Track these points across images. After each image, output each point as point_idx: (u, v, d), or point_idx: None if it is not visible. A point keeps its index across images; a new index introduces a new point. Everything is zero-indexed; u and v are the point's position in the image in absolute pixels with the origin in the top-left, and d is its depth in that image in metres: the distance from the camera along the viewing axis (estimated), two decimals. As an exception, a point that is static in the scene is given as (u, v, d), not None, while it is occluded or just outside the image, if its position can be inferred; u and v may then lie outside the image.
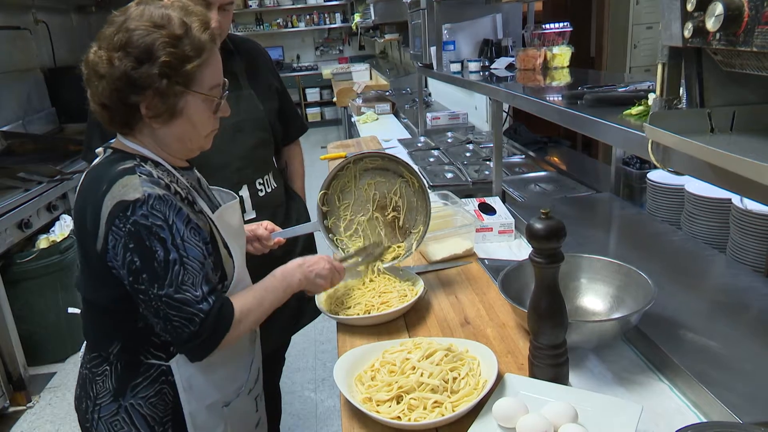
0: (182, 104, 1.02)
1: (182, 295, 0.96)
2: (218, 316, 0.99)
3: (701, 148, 0.72)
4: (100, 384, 1.08)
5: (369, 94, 5.21)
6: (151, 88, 0.97)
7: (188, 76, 1.00)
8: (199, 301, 0.97)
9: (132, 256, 0.95)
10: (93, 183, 1.01)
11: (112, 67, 0.96)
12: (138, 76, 0.96)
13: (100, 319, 1.10)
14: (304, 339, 3.05)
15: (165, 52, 0.96)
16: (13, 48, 4.01)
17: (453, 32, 2.70)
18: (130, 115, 1.01)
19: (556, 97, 1.46)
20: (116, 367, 1.07)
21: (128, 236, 0.95)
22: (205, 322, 0.97)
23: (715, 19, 0.66)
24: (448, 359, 1.06)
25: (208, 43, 1.03)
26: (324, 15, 9.53)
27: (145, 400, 1.07)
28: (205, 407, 1.11)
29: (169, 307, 0.96)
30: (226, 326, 1.00)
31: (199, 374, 1.09)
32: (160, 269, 0.95)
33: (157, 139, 1.05)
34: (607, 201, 1.99)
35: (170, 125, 1.03)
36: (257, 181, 1.64)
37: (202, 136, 1.09)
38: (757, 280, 1.31)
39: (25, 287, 2.86)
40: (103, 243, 0.97)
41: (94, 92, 1.01)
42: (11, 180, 2.99)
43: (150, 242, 0.95)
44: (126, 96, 0.98)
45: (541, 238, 0.95)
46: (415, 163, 2.82)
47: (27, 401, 2.77)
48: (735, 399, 0.92)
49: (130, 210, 0.94)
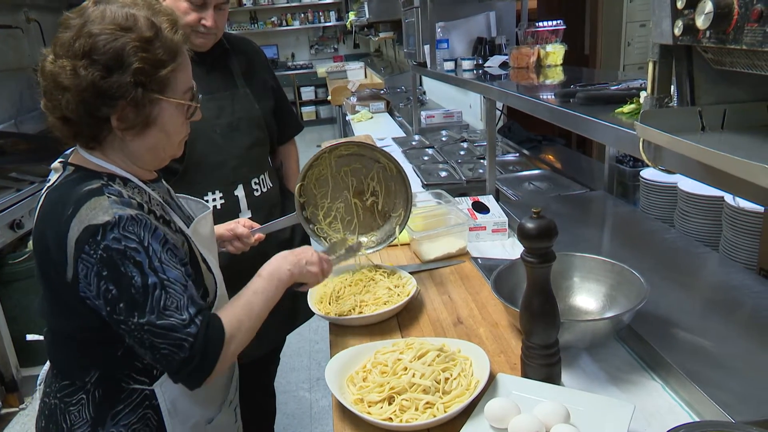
0: (156, 112, 0.94)
1: (166, 320, 0.88)
2: (206, 336, 0.91)
3: (692, 147, 0.72)
4: (75, 414, 0.99)
5: (364, 93, 5.20)
6: (124, 98, 0.89)
7: (162, 82, 0.92)
8: (186, 325, 0.89)
9: (107, 284, 0.87)
10: (56, 206, 0.91)
11: (78, 77, 0.87)
12: (108, 86, 0.87)
13: (72, 349, 1.01)
14: (298, 339, 3.04)
15: (137, 58, 0.88)
16: (5, 47, 3.98)
17: (446, 30, 2.69)
18: (99, 128, 0.92)
19: (548, 96, 1.45)
20: (94, 396, 0.99)
21: (100, 263, 0.86)
22: (194, 346, 0.89)
23: (705, 16, 0.66)
24: (440, 359, 1.05)
25: (180, 44, 0.96)
26: (318, 13, 9.51)
27: (128, 428, 0.99)
28: (190, 427, 1.06)
29: (153, 335, 0.88)
30: (218, 345, 0.92)
31: (184, 396, 1.03)
32: (138, 296, 0.87)
33: (127, 151, 0.97)
34: (601, 199, 1.98)
35: (143, 136, 0.95)
36: (253, 181, 1.63)
37: (175, 144, 1.02)
38: (749, 277, 1.31)
39: (16, 288, 2.84)
40: (73, 272, 0.88)
41: (55, 105, 0.91)
42: (3, 180, 2.97)
43: (125, 267, 0.87)
44: (95, 108, 0.89)
45: (532, 238, 0.94)
46: (410, 161, 2.82)
47: (20, 403, 2.76)
48: (727, 398, 0.92)
49: (100, 234, 0.86)
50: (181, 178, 1.49)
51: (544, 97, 1.41)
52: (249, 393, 1.54)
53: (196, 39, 1.51)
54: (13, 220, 2.81)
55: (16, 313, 2.82)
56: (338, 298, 1.40)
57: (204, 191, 1.53)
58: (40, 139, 4.00)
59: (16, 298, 2.84)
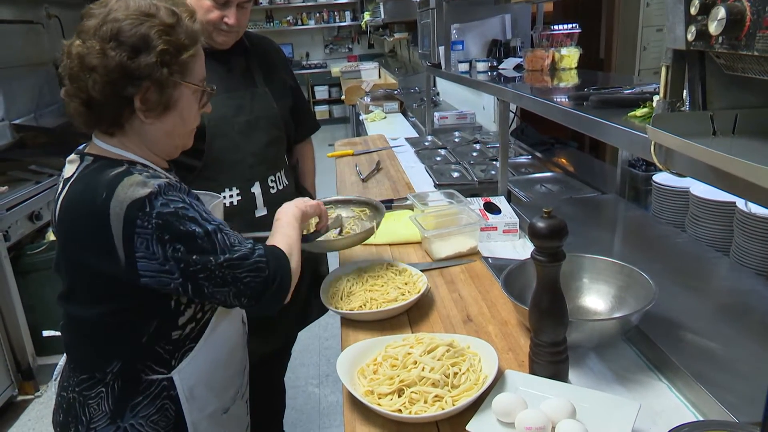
0: (176, 96, 0.98)
1: (237, 253, 0.97)
2: (274, 255, 1.02)
3: (703, 151, 0.73)
4: (94, 407, 1.02)
5: (377, 93, 5.22)
6: (150, 78, 0.93)
7: (184, 66, 0.97)
8: (253, 251, 0.99)
9: (173, 246, 0.91)
10: (84, 195, 0.93)
11: (106, 57, 0.90)
12: (135, 66, 0.91)
13: (97, 338, 1.03)
14: (308, 335, 3.07)
15: (162, 41, 0.93)
16: (26, 42, 4.05)
17: (462, 32, 2.71)
18: (121, 110, 0.96)
19: (562, 98, 1.46)
20: (113, 388, 1.02)
21: (159, 230, 0.90)
22: (270, 264, 1.00)
23: (717, 23, 0.67)
24: (450, 354, 1.07)
25: (199, 33, 1.01)
26: (334, 13, 9.55)
27: (147, 419, 1.02)
28: (207, 416, 1.09)
29: (232, 268, 0.96)
30: (286, 261, 1.04)
31: (200, 384, 1.06)
32: (206, 243, 0.94)
33: (144, 136, 1.01)
34: (613, 202, 1.99)
35: (162, 119, 0.99)
36: (269, 179, 1.66)
37: (188, 132, 1.07)
38: (759, 283, 1.31)
39: (34, 278, 2.90)
40: (125, 252, 0.90)
41: (80, 88, 0.94)
42: (23, 172, 3.04)
43: (183, 225, 0.92)
44: (121, 88, 0.93)
45: (543, 237, 0.96)
46: (422, 161, 2.84)
47: (35, 390, 2.82)
48: (733, 399, 0.93)
49: (148, 206, 0.90)
50: (200, 174, 1.53)
51: (557, 100, 1.43)
52: (260, 388, 1.57)
53: (218, 37, 1.53)
54: (32, 211, 2.87)
55: (33, 302, 2.88)
56: (350, 295, 1.42)
57: (221, 188, 1.56)
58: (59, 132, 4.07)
59: (34, 288, 2.90)
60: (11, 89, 3.73)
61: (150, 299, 0.98)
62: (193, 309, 1.04)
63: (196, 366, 1.06)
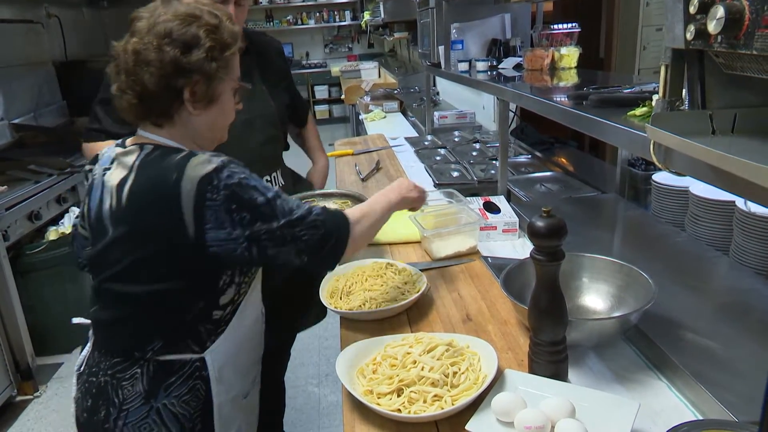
0: (220, 90, 1.08)
1: (296, 216, 1.05)
2: (333, 215, 1.11)
3: (702, 150, 0.73)
4: (128, 389, 1.06)
5: (377, 92, 5.22)
6: (199, 71, 1.03)
7: (227, 62, 1.07)
8: (310, 212, 1.07)
9: (239, 214, 1.00)
10: (157, 180, 1.01)
11: (162, 52, 1.00)
12: (187, 61, 1.02)
13: (145, 317, 1.07)
14: (308, 335, 3.07)
15: (209, 38, 1.03)
16: (26, 41, 4.05)
17: (461, 31, 2.71)
18: (172, 102, 1.05)
19: (561, 98, 1.46)
20: (148, 369, 1.06)
21: (227, 200, 0.99)
22: (326, 223, 1.08)
23: (716, 22, 0.67)
24: (449, 354, 1.07)
25: (237, 33, 1.10)
26: (334, 12, 9.55)
27: (179, 399, 1.07)
28: (230, 399, 1.14)
29: (293, 227, 1.04)
30: (345, 222, 1.12)
31: (227, 365, 1.12)
32: (268, 208, 1.02)
33: (190, 128, 1.10)
34: (612, 202, 1.99)
35: (207, 111, 1.09)
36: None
37: (225, 127, 1.17)
38: (759, 282, 1.31)
39: (34, 278, 2.90)
40: (195, 226, 0.99)
41: (135, 81, 1.02)
42: (22, 172, 3.03)
43: (247, 194, 1.01)
44: (174, 80, 1.02)
45: (542, 236, 0.96)
46: (422, 161, 2.84)
47: (34, 391, 2.81)
48: (732, 398, 0.93)
49: (216, 179, 0.99)
50: None
51: (557, 99, 1.43)
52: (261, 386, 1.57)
53: None
54: (31, 211, 2.87)
55: (32, 302, 2.88)
56: (349, 294, 1.42)
57: None
58: (58, 132, 4.08)
59: (33, 287, 2.90)
60: (11, 89, 3.73)
61: (204, 276, 1.06)
62: (233, 290, 1.11)
63: (226, 347, 1.12)
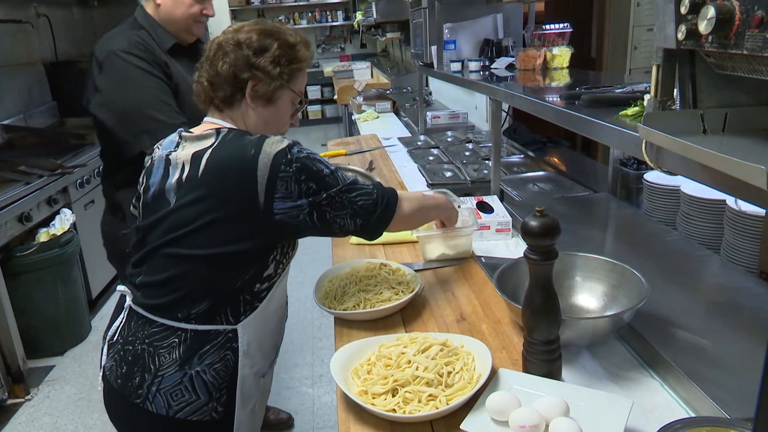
0: (279, 94, 1.23)
1: (353, 184, 1.20)
2: (381, 187, 1.26)
3: (693, 149, 0.74)
4: (165, 356, 1.13)
5: (370, 93, 5.21)
6: (263, 71, 1.19)
7: (291, 73, 1.23)
8: (365, 184, 1.23)
9: (307, 184, 1.12)
10: (236, 153, 1.13)
11: (239, 49, 1.18)
12: (255, 60, 1.18)
13: (199, 275, 1.14)
14: (302, 335, 3.07)
15: (279, 50, 1.20)
16: (15, 41, 4.02)
17: (454, 32, 2.71)
18: (235, 91, 1.20)
19: (554, 98, 1.47)
20: (185, 337, 1.13)
21: (298, 172, 1.12)
22: (376, 191, 1.23)
23: (707, 22, 0.68)
24: (444, 354, 1.07)
25: (310, 58, 1.27)
26: (326, 12, 9.52)
27: (210, 367, 1.14)
28: (252, 374, 1.21)
29: (350, 193, 1.18)
30: (394, 195, 1.27)
31: (254, 341, 1.20)
32: (331, 178, 1.16)
33: (246, 117, 1.23)
34: (604, 201, 2.00)
35: (263, 109, 1.23)
36: None
37: (278, 129, 1.28)
38: (749, 280, 1.33)
39: (24, 280, 2.88)
40: (264, 197, 1.10)
41: (212, 66, 1.20)
42: (12, 173, 3.00)
43: (315, 166, 1.14)
44: (241, 72, 1.18)
45: (535, 235, 0.96)
46: (415, 161, 2.84)
47: (25, 394, 2.79)
48: (724, 395, 0.94)
49: (289, 154, 1.12)
50: None
51: (549, 99, 1.43)
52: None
53: (196, 29, 1.73)
54: (21, 213, 2.84)
55: (23, 305, 2.86)
56: (343, 294, 1.42)
57: None
58: (49, 133, 4.05)
59: (24, 290, 2.88)
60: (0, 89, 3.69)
61: (263, 244, 1.15)
62: (273, 267, 1.19)
63: (255, 324, 1.19)
